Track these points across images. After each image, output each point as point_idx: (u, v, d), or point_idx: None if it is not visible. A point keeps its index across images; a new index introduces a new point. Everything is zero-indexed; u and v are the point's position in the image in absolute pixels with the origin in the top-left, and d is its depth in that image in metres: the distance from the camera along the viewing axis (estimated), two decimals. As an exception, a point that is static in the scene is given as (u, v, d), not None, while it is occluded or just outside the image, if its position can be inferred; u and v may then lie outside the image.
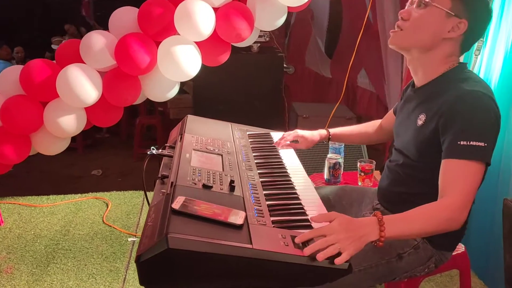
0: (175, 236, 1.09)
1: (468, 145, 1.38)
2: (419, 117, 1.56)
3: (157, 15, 2.72)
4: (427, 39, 1.53)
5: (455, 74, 1.54)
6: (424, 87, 1.61)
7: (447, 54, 1.55)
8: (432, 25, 1.51)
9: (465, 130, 1.39)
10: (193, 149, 1.70)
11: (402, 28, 1.56)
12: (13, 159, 2.94)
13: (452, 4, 1.49)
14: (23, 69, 2.83)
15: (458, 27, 1.50)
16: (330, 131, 2.09)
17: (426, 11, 1.51)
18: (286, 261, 1.14)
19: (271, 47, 4.51)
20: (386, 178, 1.75)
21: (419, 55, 1.58)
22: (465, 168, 1.38)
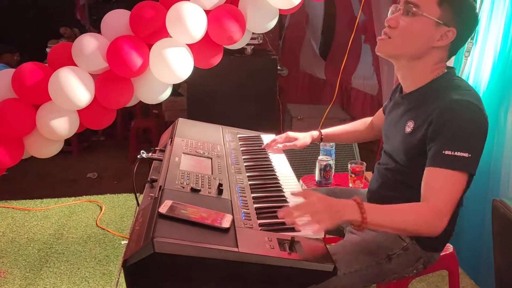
0: (161, 240, 1.10)
1: (452, 155, 1.38)
2: (408, 124, 1.56)
3: (149, 17, 2.72)
4: (416, 48, 1.52)
5: (444, 82, 1.54)
6: (412, 94, 1.60)
7: (436, 61, 1.55)
8: (421, 35, 1.50)
9: (451, 140, 1.40)
10: (183, 152, 1.71)
11: (390, 36, 1.54)
12: (6, 163, 2.93)
13: (441, 13, 1.48)
14: (15, 73, 2.83)
15: (447, 35, 1.49)
16: (322, 132, 2.09)
17: (415, 20, 1.50)
18: (272, 263, 1.15)
19: (265, 50, 4.51)
20: (376, 181, 1.76)
21: (407, 63, 1.57)
22: (447, 177, 1.39)
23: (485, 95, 2.52)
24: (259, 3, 2.78)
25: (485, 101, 2.46)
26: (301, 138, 2.05)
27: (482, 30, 2.58)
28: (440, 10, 1.48)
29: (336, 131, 2.11)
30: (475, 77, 2.62)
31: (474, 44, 2.61)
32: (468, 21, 1.52)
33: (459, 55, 2.71)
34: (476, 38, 2.60)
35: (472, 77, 2.64)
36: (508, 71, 2.38)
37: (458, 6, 1.49)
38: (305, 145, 2.07)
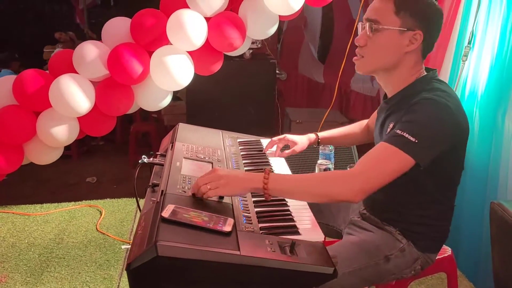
0: (164, 244, 1.11)
1: (400, 135, 1.41)
2: (389, 126, 1.60)
3: (149, 25, 2.75)
4: (390, 59, 1.57)
5: (421, 84, 1.58)
6: (392, 98, 1.65)
7: (412, 65, 1.59)
8: (390, 46, 1.55)
9: (406, 124, 1.43)
10: (184, 157, 1.73)
11: (363, 55, 1.61)
12: (5, 169, 2.95)
13: (402, 21, 1.52)
14: (16, 79, 2.84)
15: (415, 38, 1.53)
16: (319, 135, 2.12)
17: (379, 34, 1.55)
18: (273, 266, 1.16)
19: (264, 54, 4.53)
20: None
21: (386, 73, 1.62)
22: (383, 149, 1.42)
23: (482, 98, 2.55)
24: (259, 10, 2.80)
25: (482, 104, 2.51)
26: (299, 142, 2.08)
27: (479, 34, 2.61)
28: (399, 19, 1.52)
29: (332, 134, 2.14)
30: (473, 81, 2.64)
31: (471, 48, 2.63)
32: (430, 19, 1.55)
33: (457, 59, 2.74)
34: (474, 42, 2.63)
35: (469, 81, 2.66)
36: (506, 74, 2.40)
37: (415, 9, 1.53)
38: (304, 148, 2.09)
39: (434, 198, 1.63)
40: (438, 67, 2.86)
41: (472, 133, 2.59)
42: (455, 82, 2.72)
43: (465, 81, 2.70)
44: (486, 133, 2.52)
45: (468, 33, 2.66)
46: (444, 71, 2.83)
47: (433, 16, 1.56)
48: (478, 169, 2.56)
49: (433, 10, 1.56)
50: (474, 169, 2.59)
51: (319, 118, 3.62)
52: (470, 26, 2.64)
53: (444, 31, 2.83)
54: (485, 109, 2.53)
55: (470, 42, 2.64)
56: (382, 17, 1.54)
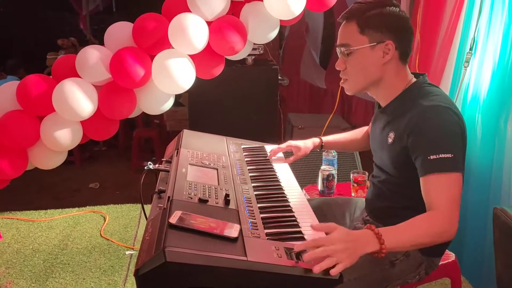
0: (172, 250, 1.13)
1: (438, 158, 1.44)
2: (389, 135, 1.63)
3: (151, 29, 2.77)
4: (372, 75, 1.62)
5: (414, 91, 1.62)
6: (388, 107, 1.68)
7: (396, 72, 1.62)
8: (367, 63, 1.60)
9: (432, 145, 1.46)
10: (189, 163, 1.74)
11: (347, 77, 1.66)
12: (10, 174, 2.96)
13: (368, 37, 1.57)
14: (19, 84, 2.86)
15: (388, 48, 1.57)
16: (322, 139, 2.13)
17: (353, 56, 1.60)
18: (279, 272, 1.17)
19: (266, 60, 4.55)
20: (371, 193, 1.82)
21: (375, 87, 1.66)
22: (441, 181, 1.44)
23: (484, 104, 2.56)
24: (260, 14, 2.82)
25: (485, 110, 2.52)
26: (303, 147, 2.09)
27: (481, 40, 2.62)
28: (366, 36, 1.58)
29: (336, 139, 2.16)
30: (475, 86, 2.65)
31: (473, 54, 2.65)
32: (395, 26, 1.58)
33: (458, 65, 2.75)
34: (475, 48, 2.64)
35: (471, 86, 2.68)
36: (507, 80, 2.41)
37: (377, 23, 1.57)
38: (307, 153, 2.10)
39: None
40: (440, 73, 2.87)
41: (475, 139, 2.60)
42: (457, 88, 2.73)
43: (467, 87, 2.71)
44: (488, 139, 2.53)
45: (469, 39, 2.67)
46: (446, 77, 2.84)
47: (397, 23, 1.59)
48: (481, 174, 2.57)
49: (394, 18, 1.59)
50: (477, 174, 2.60)
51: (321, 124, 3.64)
52: (472, 32, 2.66)
53: (445, 38, 2.85)
54: (487, 115, 2.54)
55: (472, 48, 2.65)
56: (350, 40, 1.60)
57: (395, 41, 1.57)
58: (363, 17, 1.58)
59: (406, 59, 1.64)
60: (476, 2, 2.63)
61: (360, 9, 1.60)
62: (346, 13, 1.62)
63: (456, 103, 2.74)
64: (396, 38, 1.57)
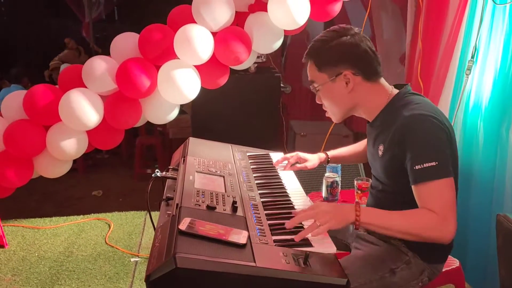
0: (183, 256, 1.15)
1: (422, 168, 1.49)
2: (379, 148, 1.69)
3: (157, 40, 2.80)
4: (343, 104, 1.71)
5: (396, 102, 1.66)
6: (374, 122, 1.74)
7: (367, 93, 1.68)
8: (334, 95, 1.70)
9: (415, 155, 1.51)
10: (196, 171, 1.77)
11: (326, 109, 1.78)
12: (15, 182, 2.99)
13: (326, 73, 1.66)
14: (26, 94, 2.89)
15: (347, 77, 1.64)
16: (328, 154, 2.18)
17: (322, 91, 1.71)
18: (288, 278, 1.20)
19: (268, 67, 4.58)
20: (371, 203, 1.86)
21: (355, 111, 1.75)
22: (431, 188, 1.49)
23: (486, 111, 2.58)
24: (265, 24, 2.85)
25: (486, 117, 2.54)
26: (311, 160, 2.14)
27: (482, 49, 2.65)
28: (323, 73, 1.67)
29: (341, 153, 2.21)
30: (476, 94, 2.68)
31: (474, 62, 2.67)
32: (346, 55, 1.64)
33: (460, 73, 2.78)
34: (477, 57, 2.67)
35: (473, 94, 2.70)
36: (509, 87, 2.43)
37: (328, 59, 1.66)
38: (314, 167, 2.16)
39: None
40: (442, 81, 2.89)
41: (477, 146, 2.62)
42: (459, 96, 2.76)
43: (468, 95, 2.73)
44: (490, 146, 2.55)
45: (471, 47, 2.70)
46: (448, 84, 2.87)
47: (346, 52, 1.64)
48: (484, 181, 2.59)
49: (343, 47, 1.64)
50: (479, 181, 2.62)
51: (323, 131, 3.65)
52: (473, 40, 2.68)
53: (447, 46, 2.88)
54: (489, 122, 2.57)
55: (473, 56, 2.68)
56: (313, 77, 1.71)
57: (351, 68, 1.63)
58: (316, 56, 1.68)
59: (375, 77, 1.68)
60: (478, 11, 2.66)
61: (313, 47, 1.69)
62: (306, 53, 1.71)
63: (458, 110, 2.76)
64: (351, 65, 1.63)
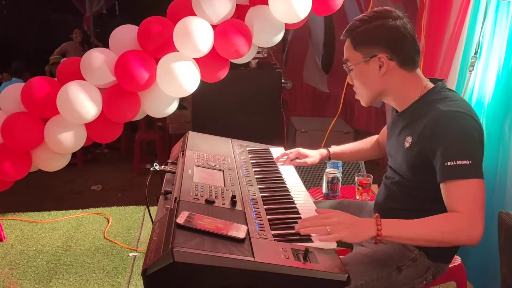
0: (180, 250, 1.13)
1: (455, 165, 1.43)
2: (406, 139, 1.63)
3: (156, 32, 2.77)
4: (374, 87, 1.65)
5: (432, 96, 1.61)
6: (405, 112, 1.68)
7: (401, 81, 1.63)
8: (366, 77, 1.65)
9: (449, 151, 1.45)
10: (195, 165, 1.74)
11: (356, 91, 1.73)
12: (13, 176, 2.96)
13: (362, 53, 1.62)
14: (24, 87, 2.87)
15: (381, 61, 1.59)
16: (330, 151, 2.15)
17: (354, 71, 1.67)
18: (287, 273, 1.17)
19: (269, 63, 4.56)
20: (383, 194, 1.81)
21: (385, 97, 1.70)
22: (460, 187, 1.43)
23: (489, 108, 2.56)
24: (266, 17, 2.82)
25: (489, 114, 2.52)
26: (311, 156, 2.11)
27: (486, 44, 2.62)
28: (359, 52, 1.63)
29: (343, 150, 2.18)
30: (479, 91, 2.66)
31: (478, 58, 2.65)
32: (384, 38, 1.59)
33: (463, 69, 2.76)
34: (480, 53, 2.64)
35: (476, 91, 2.68)
36: (512, 84, 2.42)
37: (366, 39, 1.61)
38: (315, 163, 2.13)
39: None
40: (445, 77, 2.87)
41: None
42: (462, 92, 2.74)
43: (471, 91, 2.71)
44: (493, 143, 2.53)
45: (474, 44, 2.67)
46: (451, 81, 2.84)
47: (386, 35, 1.60)
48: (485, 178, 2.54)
49: (383, 30, 1.60)
50: (482, 178, 2.59)
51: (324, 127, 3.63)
52: (477, 37, 2.66)
53: (450, 42, 2.85)
54: (492, 119, 2.54)
55: (477, 52, 2.65)
56: (348, 56, 1.67)
57: (387, 52, 1.58)
58: (354, 34, 1.63)
59: (411, 66, 1.63)
60: (481, 7, 2.64)
61: (352, 26, 1.64)
62: (345, 30, 1.67)
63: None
64: (388, 50, 1.58)
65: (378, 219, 1.40)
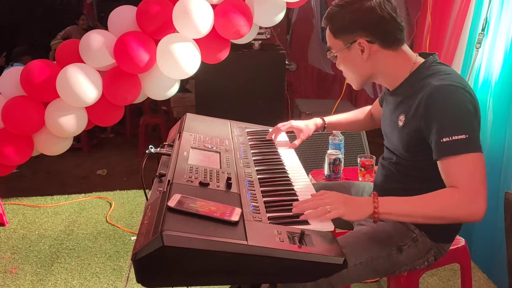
0: (170, 234, 1.09)
1: (450, 140, 1.39)
2: (399, 118, 1.59)
3: (155, 13, 2.73)
4: (360, 71, 1.62)
5: (423, 71, 1.56)
6: (397, 90, 1.64)
7: (387, 61, 1.58)
8: (350, 62, 1.62)
9: (444, 127, 1.40)
10: (191, 147, 1.70)
11: (345, 76, 1.71)
12: (16, 160, 2.96)
13: (342, 40, 1.59)
14: (23, 70, 2.84)
15: (362, 45, 1.55)
16: (325, 120, 2.08)
17: (339, 58, 1.65)
18: (281, 256, 1.14)
19: (273, 45, 4.49)
20: (381, 175, 1.77)
21: (374, 79, 1.67)
22: (458, 162, 1.39)
23: (496, 87, 2.49)
24: (266, -4, 2.77)
25: (496, 93, 2.46)
26: (304, 128, 2.04)
27: (493, 22, 2.55)
28: (339, 39, 1.60)
29: (339, 120, 2.12)
30: (486, 69, 2.59)
31: (485, 35, 2.58)
32: (359, 23, 1.54)
33: (470, 46, 2.69)
34: (487, 30, 2.57)
35: (483, 69, 2.61)
36: (520, 62, 2.35)
37: (342, 26, 1.57)
38: (310, 134, 2.06)
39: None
40: (452, 54, 2.80)
41: (486, 122, 2.54)
42: (469, 70, 2.67)
43: (478, 69, 2.64)
44: (500, 123, 2.47)
45: (481, 20, 2.60)
46: (457, 59, 2.78)
47: (361, 19, 1.54)
48: (492, 159, 2.51)
49: (358, 14, 1.54)
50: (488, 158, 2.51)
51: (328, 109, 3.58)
52: (484, 12, 2.58)
53: (457, 19, 2.78)
54: (499, 98, 2.48)
55: (484, 29, 2.58)
56: (330, 44, 1.65)
57: (366, 36, 1.54)
58: (331, 22, 1.61)
59: (395, 45, 1.57)
60: (489, -18, 2.56)
61: (330, 13, 1.61)
62: (323, 18, 1.64)
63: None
64: (366, 33, 1.54)
65: (375, 197, 1.37)
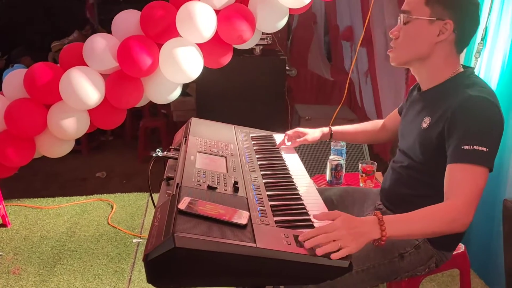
0: (182, 235, 1.12)
1: (471, 149, 1.39)
2: (424, 120, 1.59)
3: (159, 17, 2.75)
4: (420, 49, 1.58)
5: (461, 79, 1.56)
6: (429, 91, 1.63)
7: (445, 56, 1.57)
8: (420, 36, 1.56)
9: (469, 135, 1.41)
10: (198, 151, 1.73)
11: (396, 46, 1.63)
12: (17, 162, 2.97)
13: (431, 11, 1.53)
14: (27, 73, 2.86)
15: (446, 28, 1.52)
16: (332, 129, 2.11)
17: (411, 25, 1.57)
18: (289, 259, 1.17)
19: (274, 50, 4.53)
20: (390, 179, 1.78)
21: (419, 64, 1.62)
22: (468, 172, 1.39)
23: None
24: (269, 2, 2.80)
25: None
26: (311, 133, 2.07)
27: (492, 32, 2.59)
28: (429, 8, 1.53)
29: (346, 130, 2.13)
30: (485, 78, 2.62)
31: (483, 45, 2.62)
32: (462, 8, 1.53)
33: (469, 56, 2.72)
34: (486, 40, 2.61)
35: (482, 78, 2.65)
36: (518, 72, 2.38)
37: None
38: (315, 139, 2.08)
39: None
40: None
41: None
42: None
43: (477, 78, 2.68)
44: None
45: (481, 29, 2.64)
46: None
47: (465, 6, 1.54)
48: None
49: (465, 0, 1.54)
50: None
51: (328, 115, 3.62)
52: (483, 22, 2.62)
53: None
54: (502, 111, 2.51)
55: (483, 39, 2.62)
56: (413, 7, 1.56)
57: (455, 23, 1.52)
58: None
59: (461, 47, 1.58)
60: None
61: None
62: None
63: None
64: (458, 21, 1.52)
65: (381, 221, 1.30)
